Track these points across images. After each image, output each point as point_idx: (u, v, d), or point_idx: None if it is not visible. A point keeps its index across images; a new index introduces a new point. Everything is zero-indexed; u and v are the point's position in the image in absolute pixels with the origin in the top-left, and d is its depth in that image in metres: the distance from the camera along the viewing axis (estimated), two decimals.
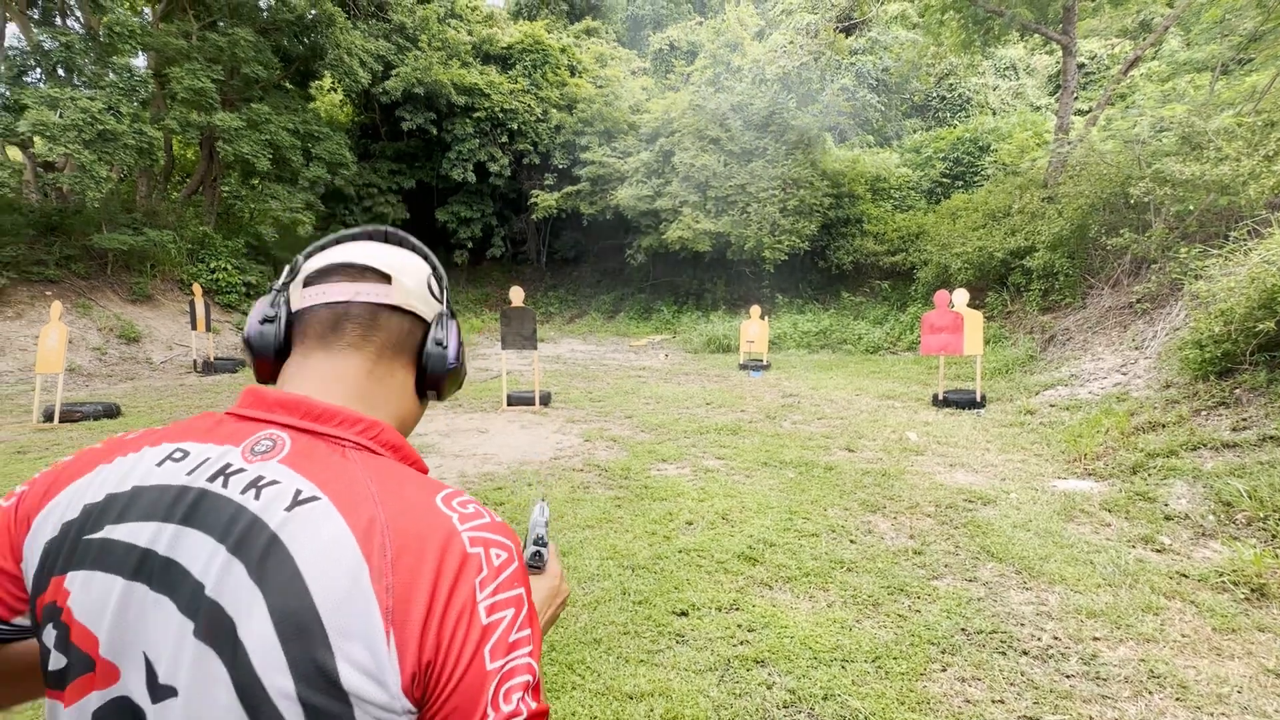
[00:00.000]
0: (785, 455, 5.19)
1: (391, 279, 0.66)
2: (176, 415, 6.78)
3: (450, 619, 0.50)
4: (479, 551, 0.54)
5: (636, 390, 8.25)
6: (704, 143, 14.84)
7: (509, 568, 0.55)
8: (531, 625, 0.54)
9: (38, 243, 10.42)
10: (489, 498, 4.25)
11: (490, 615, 0.51)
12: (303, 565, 0.49)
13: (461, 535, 0.54)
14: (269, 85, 13.85)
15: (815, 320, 13.22)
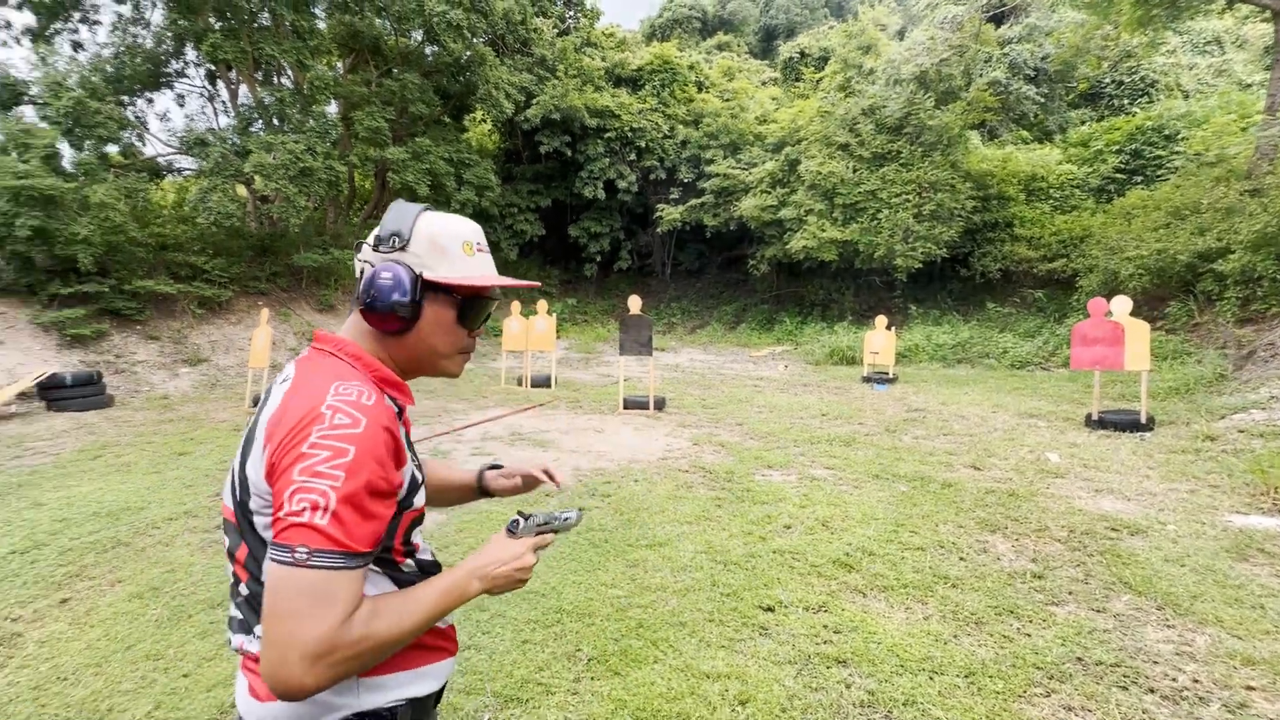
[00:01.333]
0: (900, 469, 4.97)
1: (363, 247, 0.93)
2: None
3: (290, 441, 0.76)
4: (328, 412, 0.78)
5: (750, 399, 8.24)
6: (832, 149, 14.44)
7: (346, 429, 0.77)
8: (349, 474, 0.74)
9: (254, 262, 12.68)
10: (597, 490, 4.55)
11: (311, 448, 0.75)
12: (262, 412, 0.84)
13: (325, 401, 0.79)
14: (430, 121, 15.71)
15: (953, 332, 12.27)
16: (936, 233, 13.09)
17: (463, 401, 8.24)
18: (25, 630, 2.73)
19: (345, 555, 0.73)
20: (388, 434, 0.80)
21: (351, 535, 0.73)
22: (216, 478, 4.89)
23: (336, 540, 0.72)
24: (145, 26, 12.75)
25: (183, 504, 4.28)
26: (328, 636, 0.70)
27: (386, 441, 0.80)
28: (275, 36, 11.88)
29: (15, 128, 9.42)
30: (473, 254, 0.95)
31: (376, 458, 0.77)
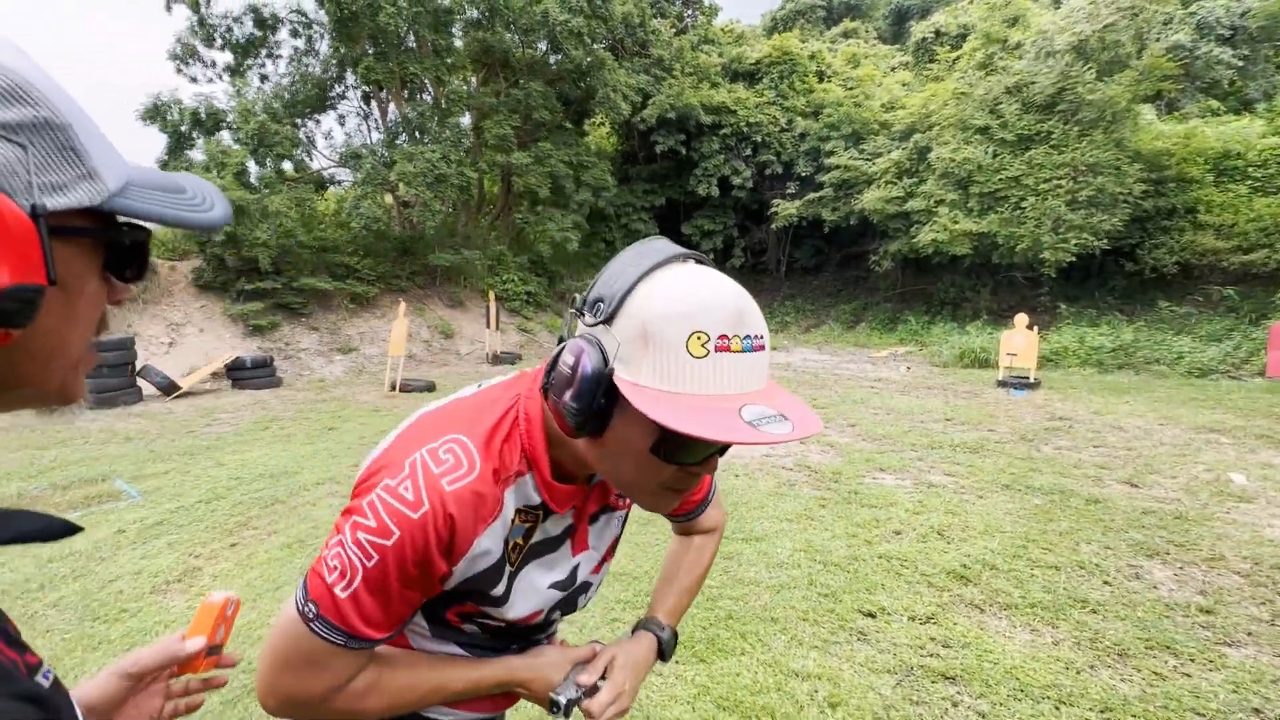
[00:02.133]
0: (1035, 480, 4.46)
1: None
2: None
3: (362, 481, 0.68)
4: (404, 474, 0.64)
5: (866, 400, 7.80)
6: (968, 133, 13.26)
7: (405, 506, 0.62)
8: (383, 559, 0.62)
9: (396, 262, 14.04)
10: None
11: (369, 505, 0.63)
12: None
13: (413, 456, 0.65)
14: (552, 126, 16.50)
15: (1113, 333, 10.78)
16: (1095, 222, 11.56)
17: None
18: (204, 565, 3.23)
19: (348, 637, 0.64)
20: (449, 527, 0.64)
21: (364, 620, 0.64)
22: (356, 450, 5.48)
23: (345, 620, 0.63)
24: (315, 56, 14.56)
25: (328, 471, 4.83)
26: (305, 697, 0.65)
27: (442, 535, 0.64)
28: (418, 56, 13.06)
29: (215, 149, 11.17)
30: (705, 353, 0.56)
31: (419, 550, 0.63)
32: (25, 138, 0.35)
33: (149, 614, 2.72)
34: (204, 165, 10.99)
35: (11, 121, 0.34)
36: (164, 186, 0.44)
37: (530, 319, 15.34)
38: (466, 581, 0.70)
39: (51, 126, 0.36)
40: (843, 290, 18.98)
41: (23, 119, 0.34)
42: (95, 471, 4.83)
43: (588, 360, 0.59)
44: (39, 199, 0.35)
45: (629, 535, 3.53)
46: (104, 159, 0.39)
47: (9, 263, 0.32)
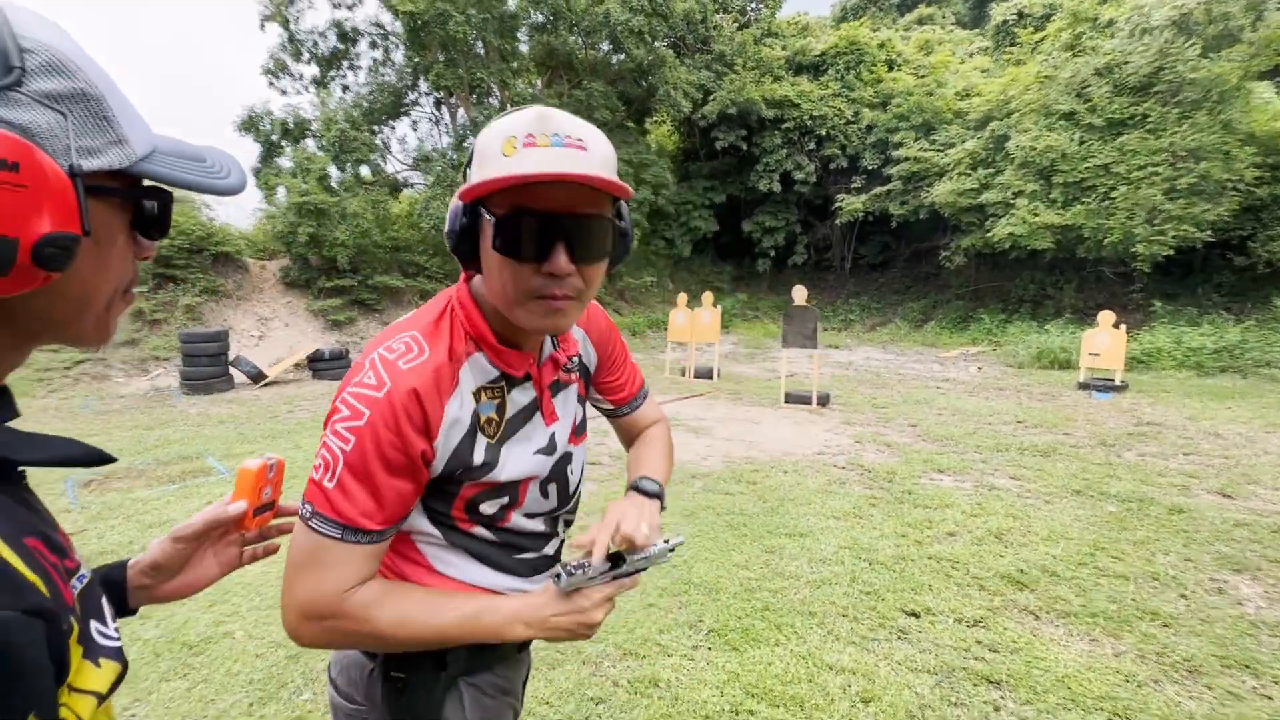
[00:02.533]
0: (1111, 487, 4.16)
1: None
2: None
3: (340, 388, 0.73)
4: (366, 366, 0.71)
5: (930, 401, 7.48)
6: (1051, 119, 12.44)
7: (369, 390, 0.69)
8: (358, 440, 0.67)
9: None
10: (743, 476, 4.50)
11: (341, 402, 0.70)
12: None
13: (371, 354, 0.72)
14: (613, 125, 16.67)
15: (1216, 333, 9.86)
16: (1196, 212, 10.59)
17: None
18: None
19: (342, 528, 0.67)
20: (414, 401, 0.69)
21: (354, 508, 0.68)
22: None
23: (335, 509, 0.67)
24: (391, 66, 15.34)
25: None
26: (317, 601, 0.68)
27: (410, 410, 0.68)
28: (485, 62, 13.53)
29: (301, 156, 11.98)
30: (514, 151, 0.65)
31: (391, 427, 0.67)
32: (65, 106, 0.40)
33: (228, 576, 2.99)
34: (291, 171, 11.81)
35: (54, 91, 0.40)
36: (186, 155, 0.49)
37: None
38: (451, 459, 0.74)
39: (87, 97, 0.41)
40: (911, 287, 18.23)
41: (63, 89, 0.40)
42: (191, 450, 5.31)
43: (456, 199, 0.69)
44: (76, 160, 0.40)
45: (673, 524, 3.56)
46: (132, 127, 0.45)
47: (50, 214, 0.38)
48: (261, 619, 2.61)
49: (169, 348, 9.38)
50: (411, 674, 0.80)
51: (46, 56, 0.40)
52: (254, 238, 12.38)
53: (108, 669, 0.43)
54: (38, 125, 0.39)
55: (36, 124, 0.39)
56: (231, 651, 2.37)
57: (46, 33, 0.41)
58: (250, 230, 12.66)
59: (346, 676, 0.85)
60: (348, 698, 0.85)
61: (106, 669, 0.43)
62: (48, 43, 0.40)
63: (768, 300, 19.48)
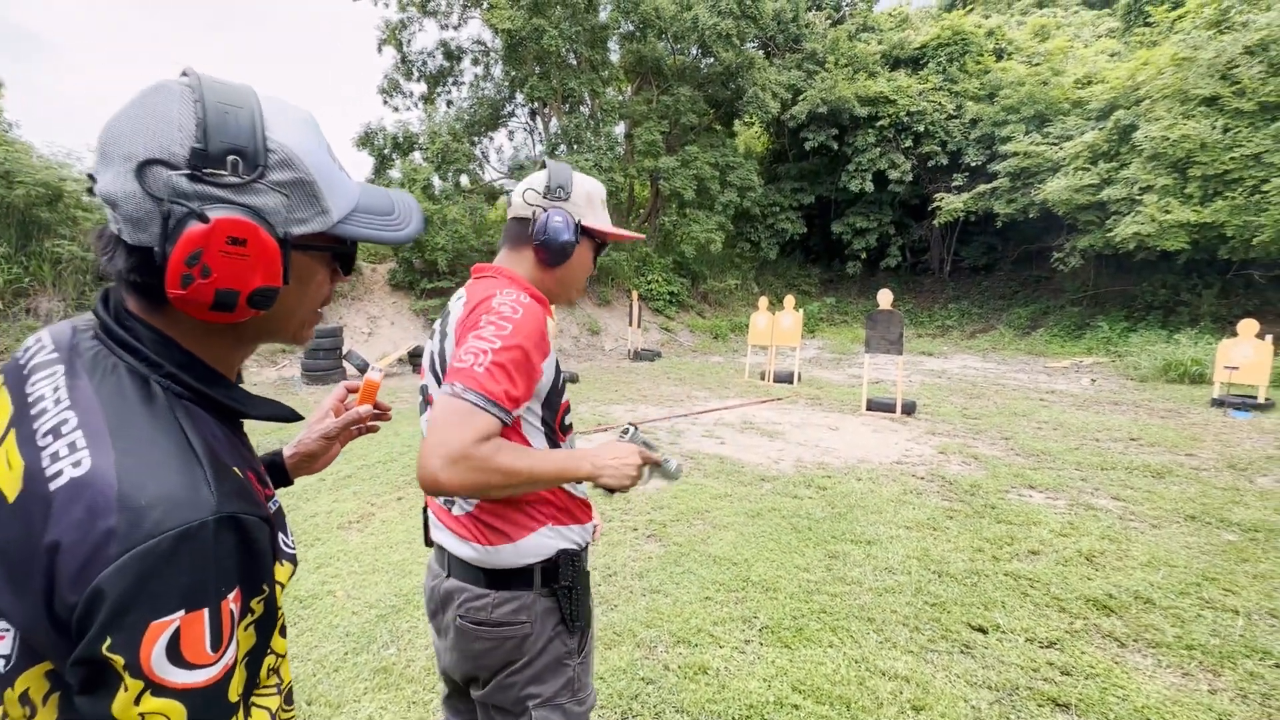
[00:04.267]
0: (1235, 514, 3.75)
1: (511, 204, 1.19)
2: (609, 387, 9.08)
3: (467, 323, 1.03)
4: (495, 304, 1.03)
5: (1030, 414, 6.98)
6: (1189, 106, 11.17)
7: (509, 314, 1.00)
8: (505, 342, 0.96)
9: None
10: (814, 481, 4.45)
11: (483, 324, 0.99)
12: (449, 317, 1.14)
13: (495, 298, 1.04)
14: (701, 129, 16.74)
15: None
16: None
17: (706, 390, 8.70)
18: (376, 512, 3.89)
19: (486, 399, 0.91)
20: (540, 323, 1.03)
21: (496, 385, 0.93)
22: None
23: (482, 385, 0.92)
24: (490, 80, 16.26)
25: None
26: (463, 445, 0.88)
27: (539, 327, 1.02)
28: (576, 72, 14.04)
29: (409, 168, 12.98)
30: (605, 209, 1.24)
31: (528, 336, 0.99)
32: (288, 190, 0.56)
33: (333, 543, 3.37)
34: (399, 182, 12.83)
35: (282, 181, 0.55)
36: (376, 210, 0.65)
37: (672, 318, 15.72)
38: (557, 372, 1.11)
39: (304, 182, 0.57)
40: (1018, 292, 16.95)
41: (288, 179, 0.56)
42: None
43: (570, 218, 1.14)
44: (289, 229, 0.57)
45: (737, 524, 3.61)
46: (335, 196, 0.60)
47: (262, 272, 0.55)
48: (360, 582, 2.94)
49: None
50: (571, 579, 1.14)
51: (282, 154, 0.55)
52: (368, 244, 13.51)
53: (287, 567, 0.62)
54: (266, 207, 0.55)
55: (266, 206, 0.54)
56: (332, 608, 2.70)
57: (285, 130, 0.56)
58: None
59: (511, 607, 1.10)
60: (505, 623, 1.10)
61: (286, 567, 0.62)
62: (284, 141, 0.56)
63: (857, 304, 18.78)
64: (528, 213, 1.16)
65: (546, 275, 1.18)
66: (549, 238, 1.12)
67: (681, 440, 5.73)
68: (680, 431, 6.09)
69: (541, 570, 1.12)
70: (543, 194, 1.15)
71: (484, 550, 1.11)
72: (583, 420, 6.46)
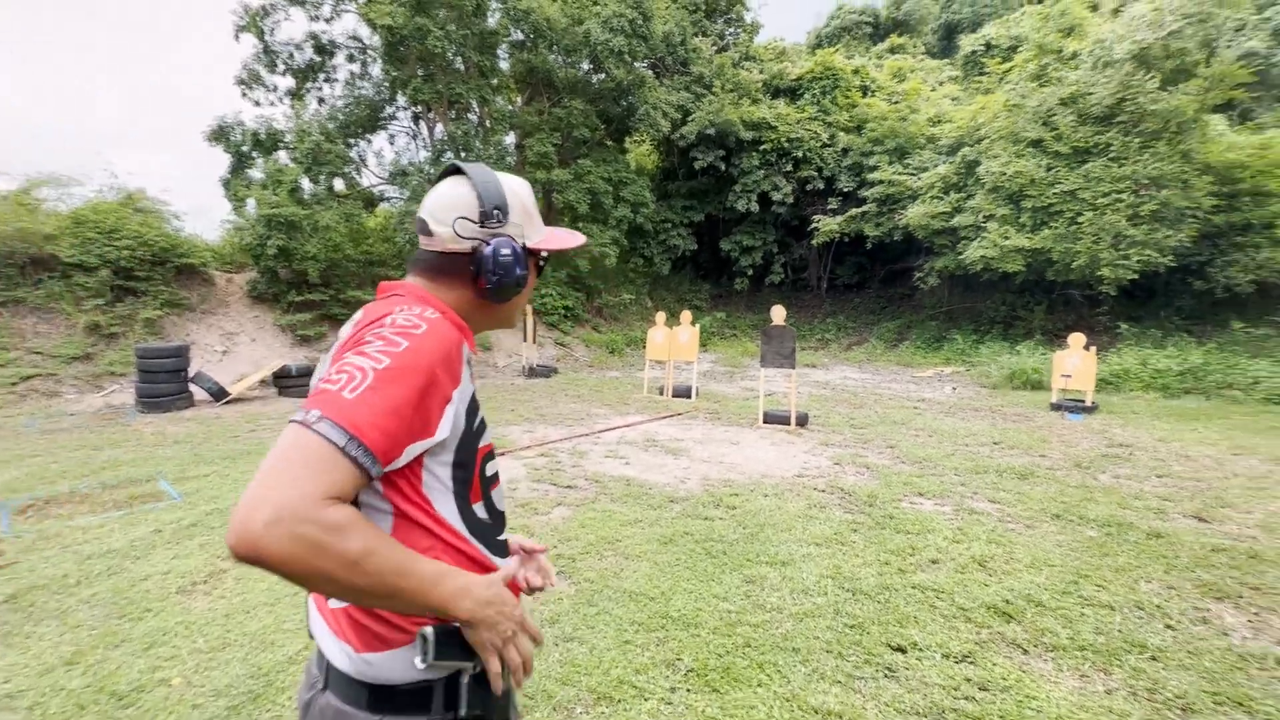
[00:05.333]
0: (1090, 511, 4.15)
1: (432, 234, 0.95)
2: (504, 406, 8.63)
3: (352, 340, 0.81)
4: (391, 317, 0.82)
5: (908, 421, 7.49)
6: (1020, 146, 12.78)
7: (406, 328, 0.79)
8: (395, 360, 0.75)
9: None
10: (722, 500, 4.39)
11: (370, 340, 0.78)
12: (340, 335, 0.87)
13: (391, 312, 0.84)
14: (593, 143, 16.72)
15: (1180, 356, 10.11)
16: (1159, 238, 10.93)
17: (605, 407, 8.52)
18: (230, 568, 3.28)
19: (348, 438, 0.67)
20: (449, 346, 0.81)
21: (368, 419, 0.69)
22: None
23: (348, 418, 0.68)
24: (368, 79, 15.19)
25: None
26: (302, 500, 0.63)
27: (446, 351, 0.80)
28: (464, 78, 13.46)
29: (273, 168, 11.71)
30: (538, 212, 1.05)
31: (429, 359, 0.77)
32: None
33: (170, 614, 2.77)
34: (262, 183, 11.53)
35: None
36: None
37: (568, 333, 15.45)
38: (470, 409, 0.87)
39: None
40: (886, 307, 18.49)
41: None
42: (142, 472, 5.02)
43: (518, 246, 0.96)
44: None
45: (650, 552, 3.43)
46: None
47: None
48: (204, 663, 2.40)
49: (125, 363, 8.99)
50: None
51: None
52: (221, 250, 12.03)
53: None
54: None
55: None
56: (166, 702, 2.16)
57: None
58: (217, 242, 12.30)
59: None
60: None
61: None
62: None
63: (746, 319, 19.58)
64: (463, 246, 0.94)
65: (483, 308, 0.99)
66: (501, 276, 0.93)
67: (585, 462, 5.50)
68: (583, 453, 5.85)
69: (445, 689, 0.83)
70: (480, 222, 0.93)
71: (357, 659, 0.82)
72: None
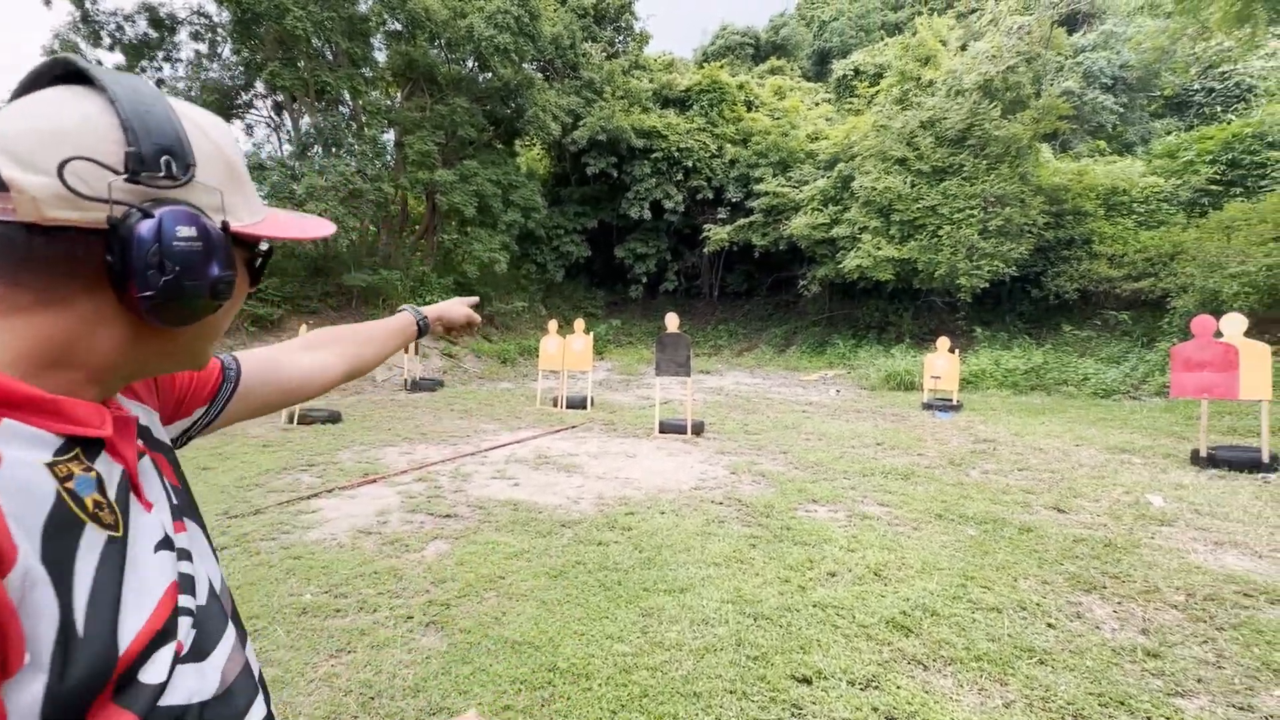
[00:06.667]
0: (968, 509, 4.32)
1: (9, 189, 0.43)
2: (380, 425, 7.85)
3: None
4: None
5: (798, 425, 7.66)
6: (888, 164, 13.79)
7: None
8: None
9: (306, 282, 13.04)
10: (618, 521, 4.12)
11: None
12: None
13: None
14: (480, 145, 16.01)
15: (1025, 357, 11.29)
16: (1004, 250, 12.19)
17: (495, 422, 8.00)
18: None
19: None
20: None
21: None
22: (232, 494, 4.73)
23: None
24: (217, 61, 13.52)
25: None
26: None
27: None
28: (332, 65, 12.32)
29: None
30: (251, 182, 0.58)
31: None
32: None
33: None
34: None
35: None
36: None
37: (455, 343, 14.59)
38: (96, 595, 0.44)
39: None
40: (773, 314, 19.27)
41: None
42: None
43: (210, 224, 0.49)
44: None
45: (537, 590, 3.07)
46: None
47: None
48: None
49: None
50: None
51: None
52: None
53: None
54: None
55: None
56: None
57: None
58: None
59: None
60: None
61: None
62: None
63: (641, 325, 19.62)
64: (87, 216, 0.44)
65: (135, 339, 0.50)
66: (178, 276, 0.46)
67: (468, 485, 5.01)
68: (467, 475, 5.35)
69: None
70: (127, 172, 0.45)
71: None
72: (345, 472, 5.34)
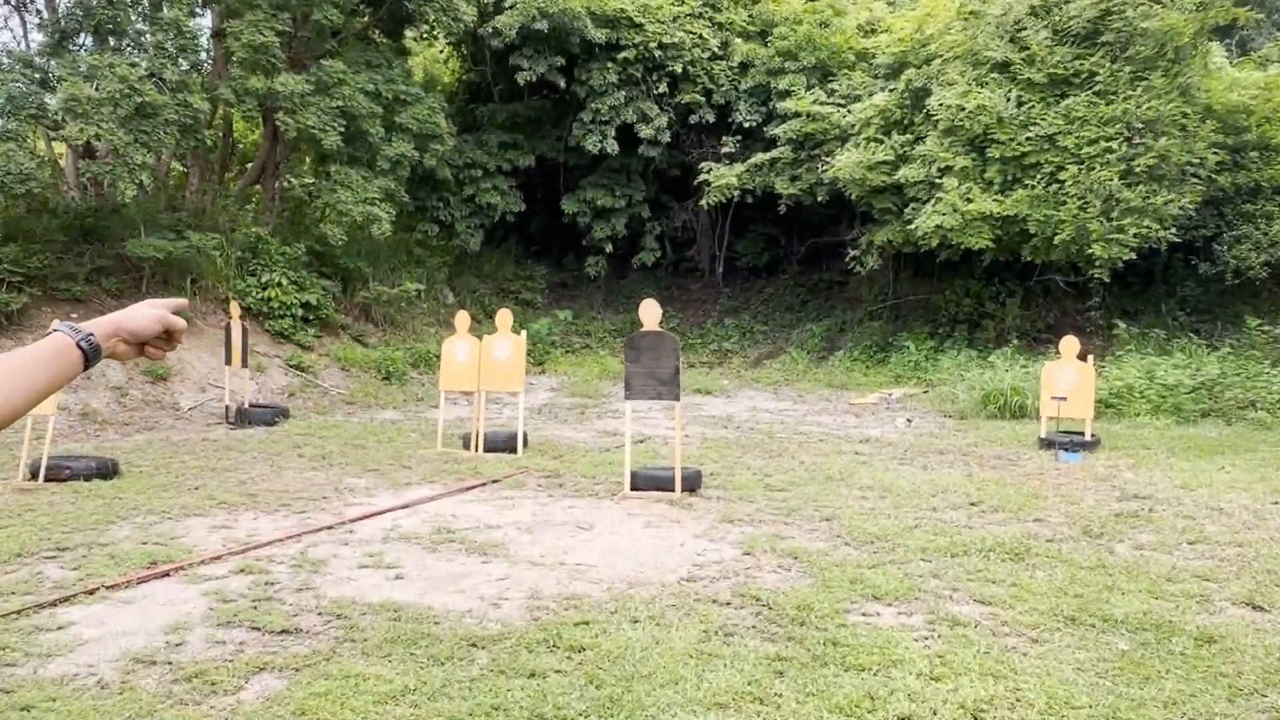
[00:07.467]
0: (1114, 607, 4.31)
1: None
2: (181, 480, 7.60)
3: None
4: None
5: (849, 476, 7.67)
6: (981, 71, 13.99)
7: None
8: None
9: (68, 252, 12.69)
10: (561, 637, 3.97)
11: None
12: None
13: None
14: (350, 36, 15.82)
15: (1190, 365, 11.51)
16: (1158, 203, 12.42)
17: (369, 474, 7.87)
18: None
19: None
20: None
21: None
22: None
23: None
24: None
25: None
26: None
27: None
28: None
29: None
30: None
31: None
32: None
33: None
34: None
35: None
36: None
37: (309, 348, 14.39)
38: None
39: None
40: (809, 301, 19.41)
41: None
42: None
43: None
44: None
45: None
46: None
47: None
48: None
49: None
50: None
51: None
52: None
53: None
54: None
55: None
56: None
57: None
58: None
59: None
60: None
61: None
62: None
63: (604, 319, 19.61)
64: None
65: None
66: None
67: (322, 578, 4.85)
68: (320, 561, 5.20)
69: None
70: None
71: None
72: (118, 560, 5.12)
